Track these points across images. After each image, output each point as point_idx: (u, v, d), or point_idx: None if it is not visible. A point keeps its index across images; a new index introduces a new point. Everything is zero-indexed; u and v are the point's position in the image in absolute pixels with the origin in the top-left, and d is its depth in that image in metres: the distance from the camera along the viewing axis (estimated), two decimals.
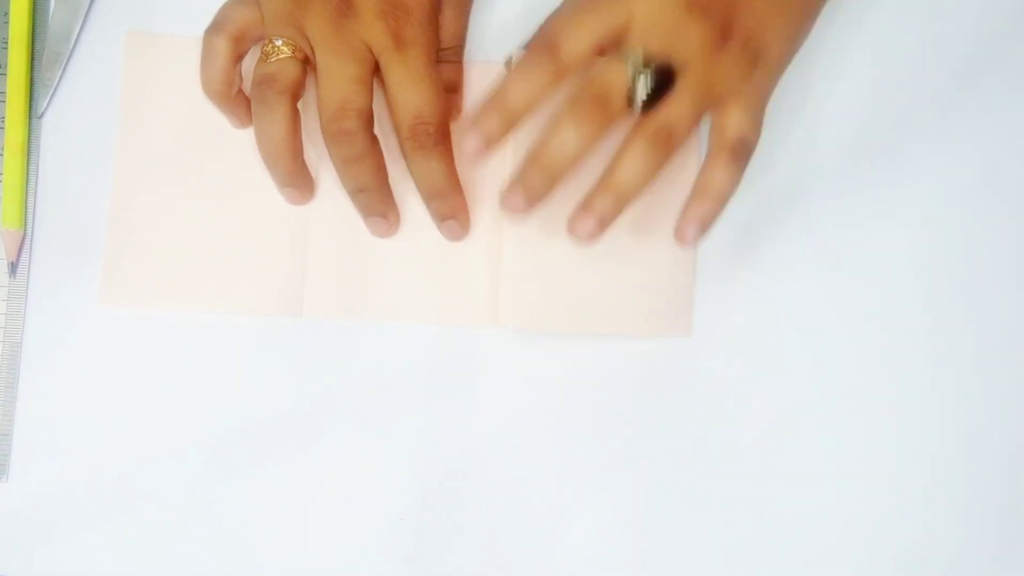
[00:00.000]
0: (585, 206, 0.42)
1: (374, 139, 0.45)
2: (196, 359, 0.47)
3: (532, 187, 0.41)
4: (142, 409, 0.47)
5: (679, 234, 0.43)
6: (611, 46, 0.41)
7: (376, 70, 0.44)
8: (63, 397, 0.47)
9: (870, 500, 0.46)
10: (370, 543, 0.46)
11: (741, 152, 0.43)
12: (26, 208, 0.48)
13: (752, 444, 0.47)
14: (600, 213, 0.42)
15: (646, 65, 0.41)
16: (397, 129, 0.44)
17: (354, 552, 0.46)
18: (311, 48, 0.44)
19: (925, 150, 0.48)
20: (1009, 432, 0.47)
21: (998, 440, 0.46)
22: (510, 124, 0.41)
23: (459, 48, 0.48)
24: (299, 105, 0.44)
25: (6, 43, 0.49)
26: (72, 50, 0.49)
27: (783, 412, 0.47)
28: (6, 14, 0.49)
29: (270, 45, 0.44)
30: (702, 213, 0.42)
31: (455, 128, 0.46)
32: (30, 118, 0.49)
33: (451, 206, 0.46)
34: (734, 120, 0.42)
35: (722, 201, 0.43)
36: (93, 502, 0.46)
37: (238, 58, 0.45)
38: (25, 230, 0.48)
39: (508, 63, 0.43)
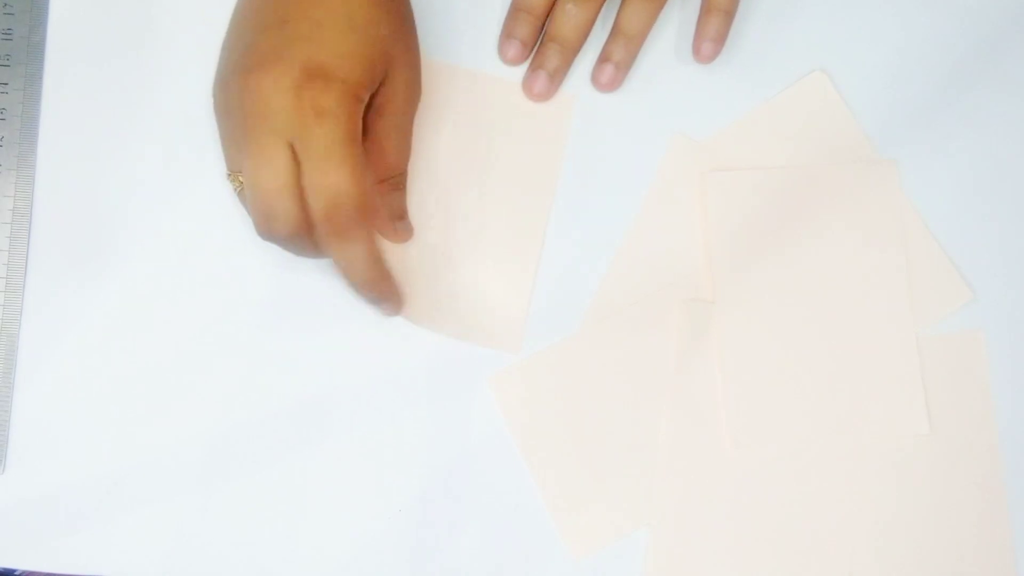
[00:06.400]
0: (602, 58, 0.48)
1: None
2: (196, 352, 0.47)
3: (552, 66, 0.48)
4: (140, 402, 0.47)
5: (697, 52, 0.48)
6: None
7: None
8: (60, 389, 0.47)
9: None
10: (370, 537, 0.46)
11: None
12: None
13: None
14: (616, 59, 0.48)
15: None
16: (312, 213, 0.39)
17: (354, 546, 0.46)
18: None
19: None
20: None
21: None
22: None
23: (404, 175, 0.45)
24: None
25: (9, 34, 0.49)
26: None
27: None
28: (7, 4, 0.49)
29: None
30: (714, 30, 0.48)
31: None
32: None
33: (380, 291, 0.43)
34: None
35: (730, 15, 0.48)
36: (90, 495, 0.46)
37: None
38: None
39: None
